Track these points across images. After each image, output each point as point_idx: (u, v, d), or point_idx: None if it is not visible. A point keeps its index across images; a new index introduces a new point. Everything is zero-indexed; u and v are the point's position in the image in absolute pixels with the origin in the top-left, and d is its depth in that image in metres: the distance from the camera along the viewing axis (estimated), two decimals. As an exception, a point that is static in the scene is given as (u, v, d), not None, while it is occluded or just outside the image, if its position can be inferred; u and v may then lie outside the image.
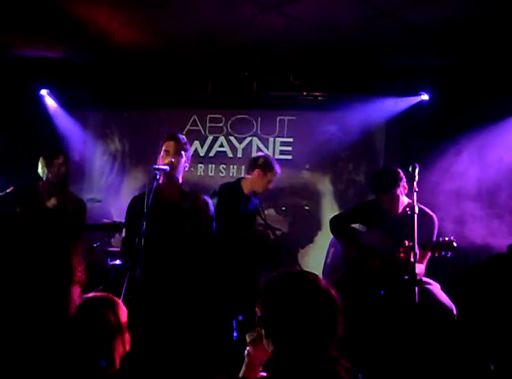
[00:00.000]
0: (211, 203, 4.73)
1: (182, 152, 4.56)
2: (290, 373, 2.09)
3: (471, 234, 5.77)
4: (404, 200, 4.90)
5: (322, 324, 2.13)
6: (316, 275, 2.28)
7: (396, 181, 4.83)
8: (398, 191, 4.85)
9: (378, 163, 7.26)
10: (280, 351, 2.15)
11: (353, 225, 5.25)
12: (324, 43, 6.10)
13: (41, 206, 5.14)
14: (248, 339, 2.69)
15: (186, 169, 4.67)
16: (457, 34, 5.58)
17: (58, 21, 5.68)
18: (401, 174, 4.87)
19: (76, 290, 2.06)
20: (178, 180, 4.62)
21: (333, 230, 5.29)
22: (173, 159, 4.49)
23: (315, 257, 6.83)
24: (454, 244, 4.50)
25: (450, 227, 5.52)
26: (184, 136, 4.71)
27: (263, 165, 5.66)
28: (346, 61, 6.71)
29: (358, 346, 4.28)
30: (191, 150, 4.78)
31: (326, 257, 5.35)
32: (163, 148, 4.57)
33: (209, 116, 7.68)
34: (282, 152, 7.54)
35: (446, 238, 4.54)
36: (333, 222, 5.34)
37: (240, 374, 2.69)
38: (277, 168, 5.71)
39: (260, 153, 6.05)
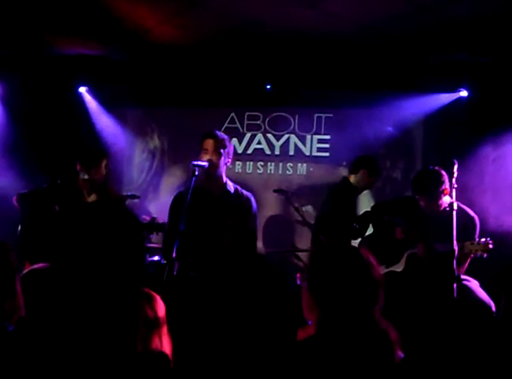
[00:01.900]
0: (254, 200, 4.69)
1: (221, 150, 4.52)
2: (338, 334, 2.24)
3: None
4: (446, 199, 4.75)
5: (365, 289, 2.29)
6: (359, 248, 2.49)
7: (437, 185, 4.71)
8: (439, 194, 4.72)
9: (416, 159, 7.15)
10: (326, 315, 2.29)
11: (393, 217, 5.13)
12: (362, 40, 6.01)
13: (82, 201, 5.13)
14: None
15: (229, 164, 4.65)
16: (497, 30, 5.43)
17: (96, 18, 5.67)
18: (444, 176, 4.71)
19: None
20: (220, 177, 4.59)
21: (370, 221, 5.19)
22: (212, 157, 4.46)
23: None
24: (490, 246, 4.39)
25: (489, 225, 5.37)
26: (223, 133, 4.68)
27: (370, 166, 5.80)
28: (384, 58, 6.59)
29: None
30: (232, 146, 4.74)
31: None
32: (202, 146, 4.55)
33: (247, 114, 7.64)
34: (319, 150, 7.47)
35: (483, 240, 4.45)
36: (372, 212, 5.22)
37: None
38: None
39: (365, 155, 6.00)
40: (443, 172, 4.74)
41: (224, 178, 4.65)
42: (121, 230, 4.56)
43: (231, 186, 4.68)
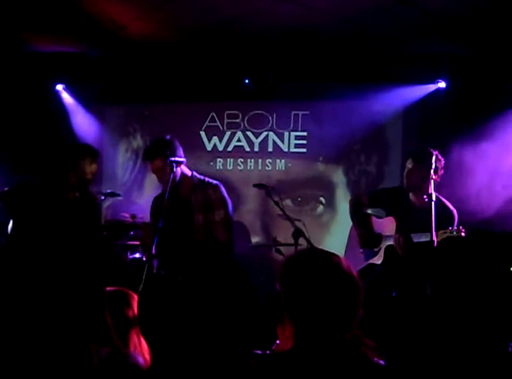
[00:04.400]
0: (223, 188, 4.42)
1: (163, 164, 4.27)
2: (312, 352, 1.91)
3: (487, 219, 5.39)
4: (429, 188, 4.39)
5: (343, 304, 1.93)
6: (337, 255, 2.05)
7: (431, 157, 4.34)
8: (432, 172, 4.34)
9: (392, 152, 6.95)
10: (301, 331, 1.95)
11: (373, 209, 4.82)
12: (339, 32, 5.80)
13: (65, 197, 4.83)
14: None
15: (182, 160, 4.35)
16: (474, 21, 5.24)
17: (72, 15, 5.42)
18: (442, 161, 4.43)
19: None
20: (185, 173, 4.38)
21: (350, 213, 4.88)
22: (161, 175, 4.28)
23: (331, 245, 6.54)
24: (463, 234, 4.12)
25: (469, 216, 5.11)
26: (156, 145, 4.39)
27: None
28: (362, 50, 6.38)
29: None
30: (175, 145, 4.44)
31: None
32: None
33: (227, 112, 7.43)
34: (297, 146, 7.30)
35: (455, 228, 4.18)
36: (353, 205, 4.88)
37: None
38: None
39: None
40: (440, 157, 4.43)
41: (190, 173, 4.42)
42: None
43: (196, 179, 4.43)
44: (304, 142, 7.28)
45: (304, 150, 7.26)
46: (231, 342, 4.06)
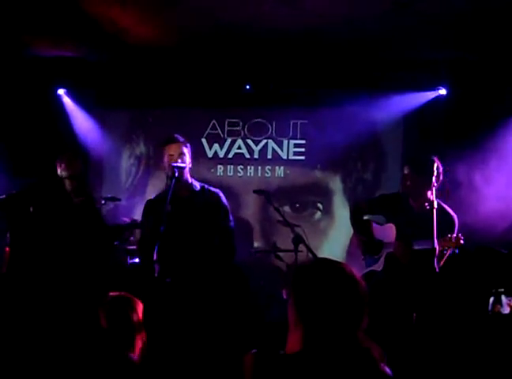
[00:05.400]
0: (223, 195, 4.33)
1: (185, 150, 4.21)
2: (323, 354, 1.97)
3: (491, 231, 5.27)
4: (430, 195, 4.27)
5: (351, 307, 2.02)
6: (345, 264, 2.15)
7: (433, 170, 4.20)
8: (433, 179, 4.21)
9: (391, 159, 6.89)
10: (313, 333, 2.02)
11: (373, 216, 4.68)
12: (340, 38, 5.71)
13: (70, 201, 4.77)
14: None
15: (190, 165, 4.29)
16: (475, 26, 5.16)
17: (74, 19, 5.32)
18: (441, 168, 4.28)
19: None
20: (186, 180, 4.26)
21: (350, 220, 4.74)
22: (180, 161, 4.15)
23: (328, 251, 6.56)
24: (461, 241, 3.97)
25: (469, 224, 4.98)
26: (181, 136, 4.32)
27: None
28: (361, 56, 6.30)
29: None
30: (190, 147, 4.36)
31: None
32: (167, 152, 4.24)
33: (228, 120, 7.38)
34: (295, 153, 7.27)
35: (454, 235, 4.01)
36: (353, 211, 4.74)
37: None
38: None
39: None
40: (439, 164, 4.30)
41: (190, 179, 4.31)
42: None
43: (197, 186, 4.33)
44: (303, 150, 7.24)
45: (302, 157, 7.23)
46: (231, 344, 3.97)
